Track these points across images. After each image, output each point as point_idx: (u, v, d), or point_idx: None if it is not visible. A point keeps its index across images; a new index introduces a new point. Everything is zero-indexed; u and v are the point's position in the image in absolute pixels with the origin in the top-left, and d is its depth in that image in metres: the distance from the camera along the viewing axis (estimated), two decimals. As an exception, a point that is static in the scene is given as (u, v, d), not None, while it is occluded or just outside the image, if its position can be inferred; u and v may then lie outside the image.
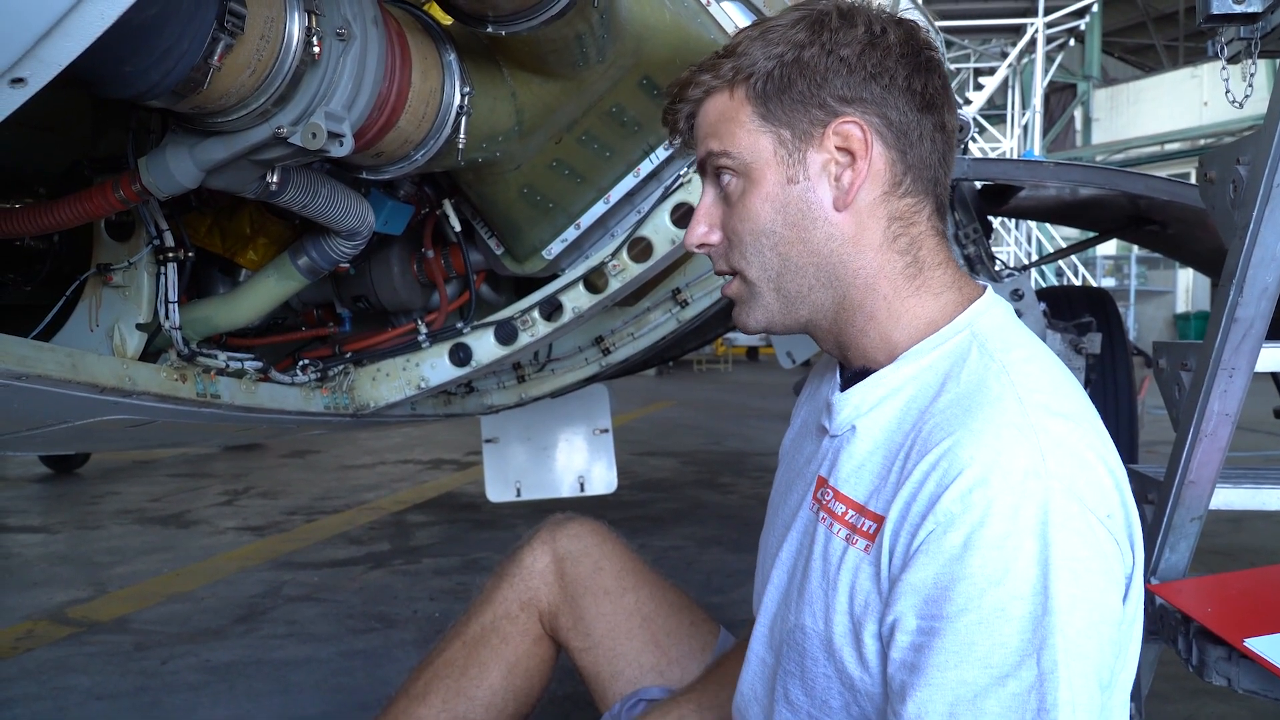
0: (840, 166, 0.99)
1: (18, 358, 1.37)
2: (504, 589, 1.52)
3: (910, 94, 0.99)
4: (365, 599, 3.26)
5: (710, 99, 1.03)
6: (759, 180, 1.00)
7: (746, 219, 1.01)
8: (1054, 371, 0.95)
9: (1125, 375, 3.11)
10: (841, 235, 0.99)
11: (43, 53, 0.85)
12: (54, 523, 4.54)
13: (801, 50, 0.98)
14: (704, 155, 1.04)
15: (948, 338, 0.98)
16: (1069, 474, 0.84)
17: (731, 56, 1.01)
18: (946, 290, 1.01)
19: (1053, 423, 0.86)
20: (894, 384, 0.99)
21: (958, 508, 0.83)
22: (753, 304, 1.05)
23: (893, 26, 1.00)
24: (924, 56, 1.00)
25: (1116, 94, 22.03)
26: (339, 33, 1.27)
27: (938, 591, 0.84)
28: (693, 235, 1.06)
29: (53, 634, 2.95)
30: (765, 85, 0.99)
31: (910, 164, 1.00)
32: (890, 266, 1.00)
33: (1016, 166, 2.96)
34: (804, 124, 0.99)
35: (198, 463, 6.17)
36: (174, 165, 1.29)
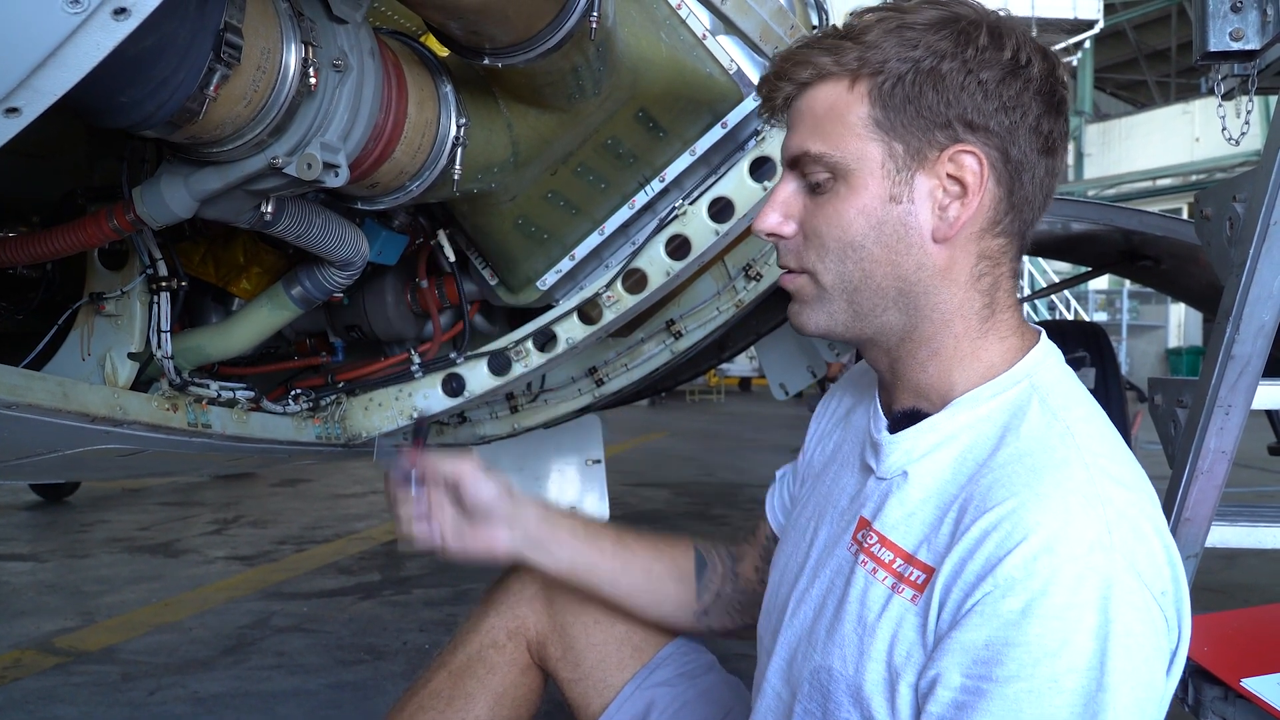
0: (948, 196, 0.93)
1: (8, 386, 1.36)
2: (491, 617, 1.50)
3: (1037, 134, 0.94)
4: (355, 630, 3.23)
5: (822, 85, 0.95)
6: (858, 189, 0.94)
7: (836, 225, 0.95)
8: (1110, 434, 0.93)
9: (1119, 410, 3.11)
10: (933, 266, 0.95)
11: (38, 83, 0.85)
12: (43, 551, 4.50)
13: (942, 61, 0.91)
14: (798, 152, 0.97)
15: (1006, 387, 0.95)
16: (1131, 549, 0.82)
17: (857, 43, 0.93)
18: (1011, 335, 0.98)
19: (1116, 492, 0.85)
20: (949, 431, 0.96)
21: (1020, 573, 0.81)
22: (818, 307, 1.00)
23: (1038, 58, 0.94)
24: (1058, 96, 0.96)
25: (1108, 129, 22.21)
26: (335, 64, 1.27)
27: (989, 654, 0.81)
28: (765, 221, 1.00)
29: (40, 663, 2.91)
30: (893, 88, 0.92)
31: (1014, 204, 0.95)
32: (969, 305, 0.96)
33: (1010, 201, 2.97)
34: (921, 142, 0.93)
35: (188, 491, 6.13)
36: (168, 195, 1.29)
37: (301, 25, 1.22)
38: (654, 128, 2.01)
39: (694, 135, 2.11)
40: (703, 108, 2.07)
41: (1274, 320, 1.45)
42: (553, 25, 1.44)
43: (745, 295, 2.75)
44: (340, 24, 1.30)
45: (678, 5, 1.96)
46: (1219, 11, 1.44)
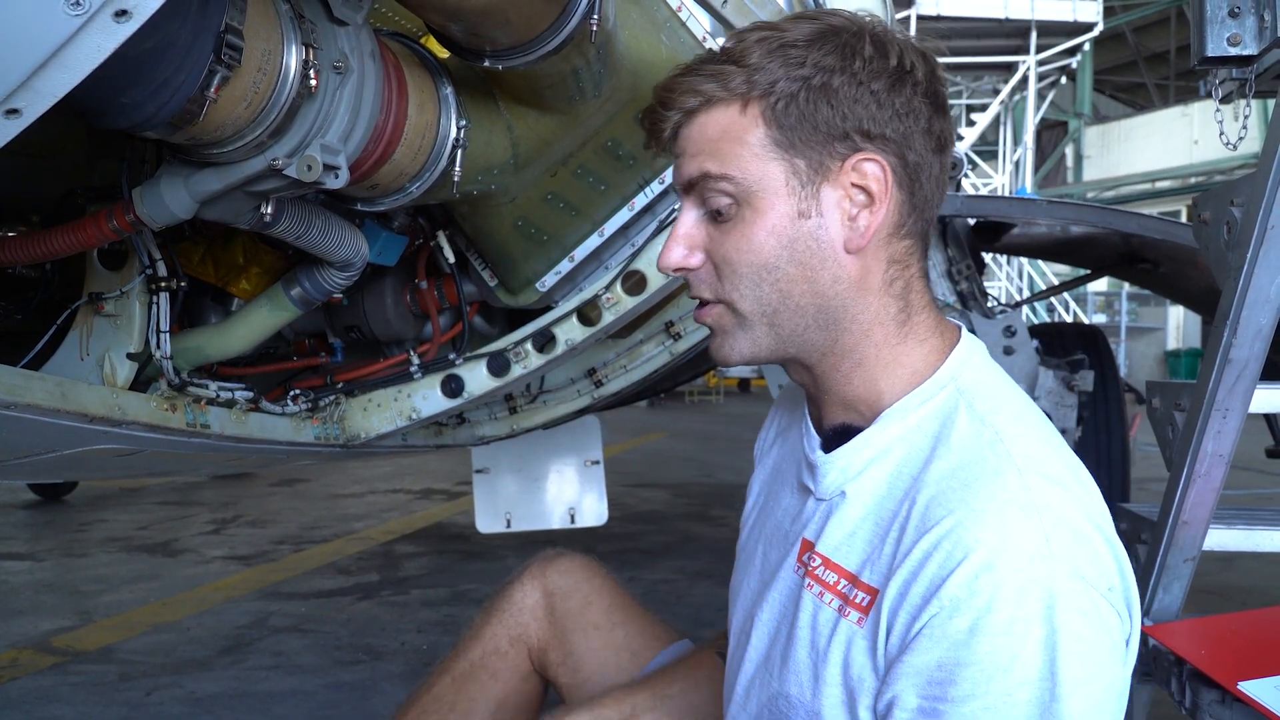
0: (855, 205, 0.93)
1: (7, 386, 1.36)
2: (493, 625, 1.51)
3: (929, 135, 0.95)
4: (353, 630, 3.23)
5: (711, 111, 0.94)
6: (764, 210, 0.93)
7: (747, 250, 0.94)
8: (1041, 428, 0.93)
9: (1117, 413, 3.11)
10: (848, 278, 0.94)
11: (38, 84, 0.85)
12: (40, 550, 4.50)
13: (831, 75, 0.91)
14: (696, 175, 0.95)
15: (932, 393, 0.95)
16: (1071, 552, 0.82)
17: (741, 66, 0.92)
18: (930, 336, 0.98)
19: (1051, 494, 0.84)
20: (882, 446, 0.95)
21: (963, 592, 0.81)
22: (739, 335, 0.98)
23: (919, 61, 0.95)
24: (941, 96, 0.97)
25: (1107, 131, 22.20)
26: (336, 66, 1.27)
27: (943, 675, 0.81)
28: (670, 257, 0.98)
29: (37, 663, 2.91)
30: (787, 107, 0.92)
31: (916, 205, 0.96)
32: (886, 312, 0.96)
33: (1010, 204, 2.98)
34: (822, 155, 0.92)
35: (186, 491, 6.12)
36: (168, 196, 1.29)
37: (302, 27, 1.22)
38: (654, 130, 2.01)
39: (693, 137, 2.10)
40: (702, 110, 2.07)
41: (1271, 324, 1.45)
42: (553, 28, 1.44)
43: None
44: (341, 26, 1.30)
45: (678, 8, 1.96)
46: (1217, 17, 1.44)
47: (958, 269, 2.93)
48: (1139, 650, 0.93)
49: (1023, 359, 2.77)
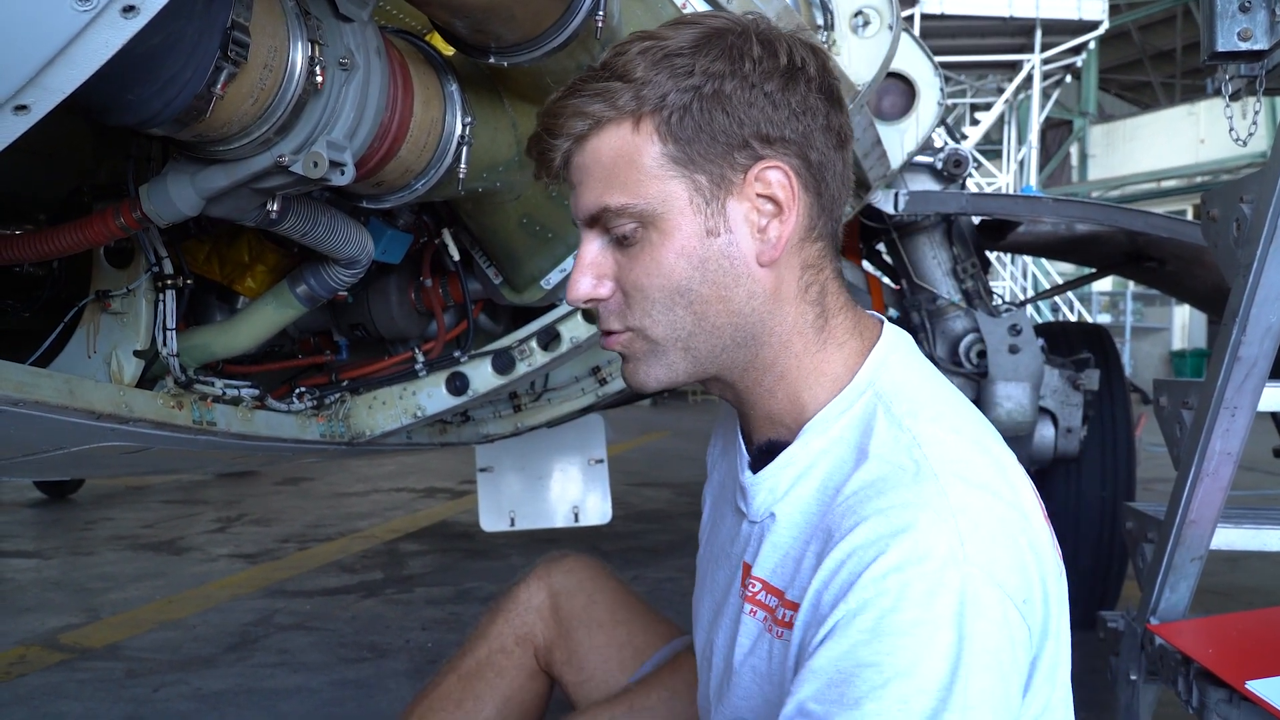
0: (764, 216, 0.90)
1: (15, 383, 1.36)
2: (499, 624, 1.51)
3: (829, 132, 0.91)
4: (357, 628, 3.24)
5: (601, 134, 0.89)
6: (670, 232, 0.89)
7: (657, 274, 0.90)
8: (965, 427, 0.89)
9: (1123, 412, 3.11)
10: (763, 292, 0.91)
11: (46, 80, 0.85)
12: (47, 548, 4.51)
13: (722, 81, 0.87)
14: (596, 210, 0.91)
15: (852, 401, 0.92)
16: (989, 558, 0.78)
17: (627, 82, 0.88)
18: (849, 338, 0.95)
19: (972, 498, 0.81)
20: (806, 462, 0.92)
21: (870, 593, 0.77)
22: (653, 362, 0.94)
23: (810, 56, 0.91)
24: (835, 89, 0.93)
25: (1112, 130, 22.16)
26: (342, 62, 1.27)
27: (841, 676, 0.78)
28: (578, 290, 0.93)
29: (45, 660, 2.92)
30: (681, 120, 0.87)
31: (824, 206, 0.93)
32: (803, 320, 0.93)
33: (1015, 202, 2.97)
34: (723, 167, 0.88)
35: (191, 489, 6.13)
36: (175, 193, 1.29)
37: (308, 24, 1.22)
38: (659, 127, 2.01)
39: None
40: (709, 107, 2.07)
41: (1280, 322, 1.45)
42: (559, 24, 1.44)
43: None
44: (347, 23, 1.30)
45: (683, 4, 1.96)
46: (1227, 11, 1.44)
47: (962, 267, 2.93)
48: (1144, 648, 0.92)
49: (1028, 357, 2.77)
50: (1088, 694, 2.69)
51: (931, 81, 2.54)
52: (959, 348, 2.86)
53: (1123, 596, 3.22)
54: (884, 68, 2.03)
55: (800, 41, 0.92)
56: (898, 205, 2.62)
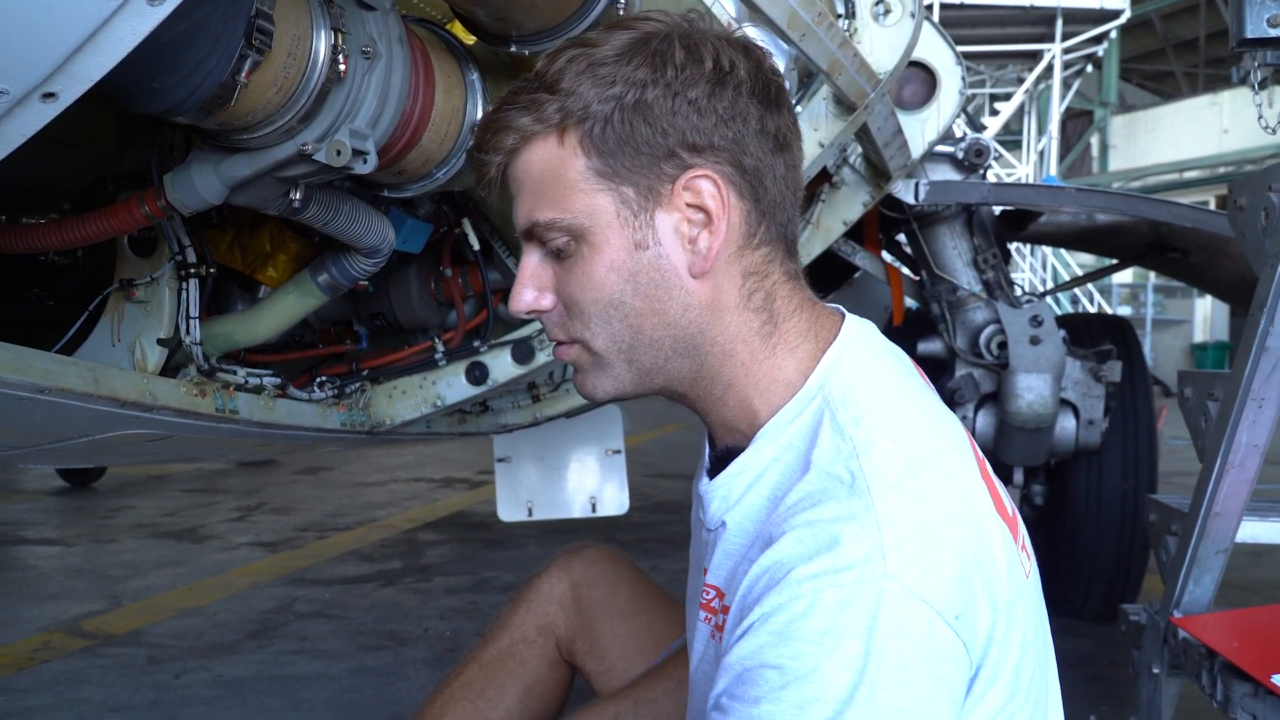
0: (694, 227, 0.88)
1: (41, 371, 1.37)
2: (521, 614, 1.52)
3: (764, 136, 0.89)
4: (376, 617, 3.25)
5: (530, 147, 0.88)
6: (600, 246, 0.88)
7: (590, 288, 0.89)
8: (911, 434, 0.86)
9: (1145, 404, 3.09)
10: (699, 303, 0.89)
11: (74, 68, 0.85)
12: (70, 535, 4.55)
13: (644, 90, 0.85)
14: (528, 224, 0.90)
15: (803, 407, 0.90)
16: (915, 574, 0.76)
17: (553, 93, 0.86)
18: (802, 341, 0.92)
19: (903, 511, 0.79)
20: (757, 470, 0.91)
21: (784, 597, 0.76)
22: (599, 374, 0.94)
23: (741, 58, 0.88)
24: (774, 90, 0.90)
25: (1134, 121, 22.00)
26: (364, 51, 1.27)
27: (746, 674, 0.77)
28: (519, 301, 0.93)
29: (68, 646, 2.95)
30: (603, 132, 0.85)
31: (764, 211, 0.90)
32: (747, 328, 0.91)
33: (1037, 192, 2.96)
34: (650, 179, 0.86)
35: (211, 478, 6.17)
36: (199, 181, 1.30)
37: (331, 12, 1.23)
38: (680, 116, 2.00)
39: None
40: (728, 97, 2.06)
41: (1309, 312, 1.43)
42: (579, 13, 1.44)
43: (769, 285, 2.74)
44: (369, 11, 1.30)
45: (703, -7, 1.95)
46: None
47: (983, 258, 2.91)
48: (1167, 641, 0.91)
49: (1050, 349, 2.76)
50: (1107, 688, 2.69)
51: (953, 70, 2.52)
52: (979, 339, 2.84)
53: (1144, 590, 3.21)
54: (905, 56, 2.01)
55: (730, 43, 0.89)
56: (918, 195, 2.61)
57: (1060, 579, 3.23)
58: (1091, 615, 3.23)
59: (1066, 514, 3.12)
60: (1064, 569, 3.19)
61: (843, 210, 2.62)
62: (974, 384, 2.85)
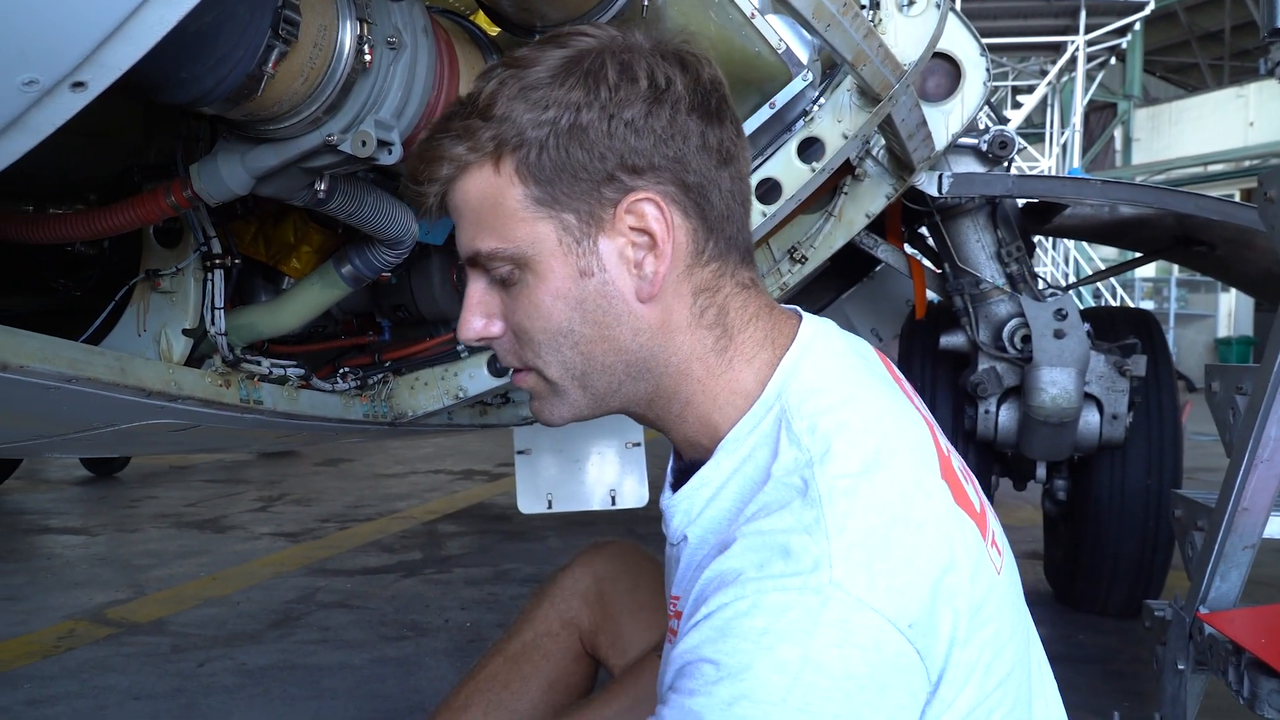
0: (639, 250, 0.85)
1: (68, 360, 1.38)
2: (545, 608, 1.52)
3: (706, 151, 0.86)
4: (397, 607, 3.27)
5: (466, 176, 0.86)
6: (544, 275, 0.86)
7: (537, 317, 0.87)
8: (868, 437, 0.84)
9: (1170, 398, 3.06)
10: (649, 327, 0.88)
11: (103, 57, 0.86)
12: (94, 525, 4.59)
13: (578, 113, 0.82)
14: (470, 253, 0.88)
15: (761, 416, 0.88)
16: (864, 583, 0.75)
17: (487, 119, 0.84)
18: (759, 351, 0.90)
19: (854, 520, 0.78)
20: (718, 482, 0.89)
21: (729, 597, 0.76)
22: (555, 401, 0.93)
23: (677, 72, 0.86)
24: (714, 102, 0.87)
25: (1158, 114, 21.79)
26: (390, 41, 1.27)
27: (686, 667, 0.77)
28: (468, 329, 0.91)
29: (93, 634, 2.97)
30: (539, 158, 0.83)
31: (711, 226, 0.88)
32: (701, 346, 0.89)
33: (1062, 184, 2.93)
34: (591, 204, 0.84)
35: (233, 469, 6.21)
36: (225, 172, 1.30)
37: (356, 2, 1.23)
38: (703, 108, 2.00)
39: (741, 115, 2.08)
40: (751, 88, 2.06)
41: (1339, 306, 1.42)
42: (604, 3, 1.44)
43: (790, 278, 2.73)
44: (394, 1, 1.30)
45: (729, -17, 1.95)
46: (1289, -12, 1.41)
47: (1007, 250, 2.89)
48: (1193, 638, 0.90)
49: (1074, 343, 2.73)
50: (1130, 684, 2.67)
51: (977, 62, 2.50)
52: (1003, 332, 2.82)
53: (1166, 586, 3.19)
54: (930, 47, 2.00)
55: (664, 57, 0.86)
56: (942, 187, 2.59)
57: (1082, 575, 3.21)
58: (1114, 611, 3.21)
59: (1089, 509, 3.09)
60: (1086, 564, 3.17)
61: (865, 202, 2.61)
62: (997, 378, 2.83)
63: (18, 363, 1.33)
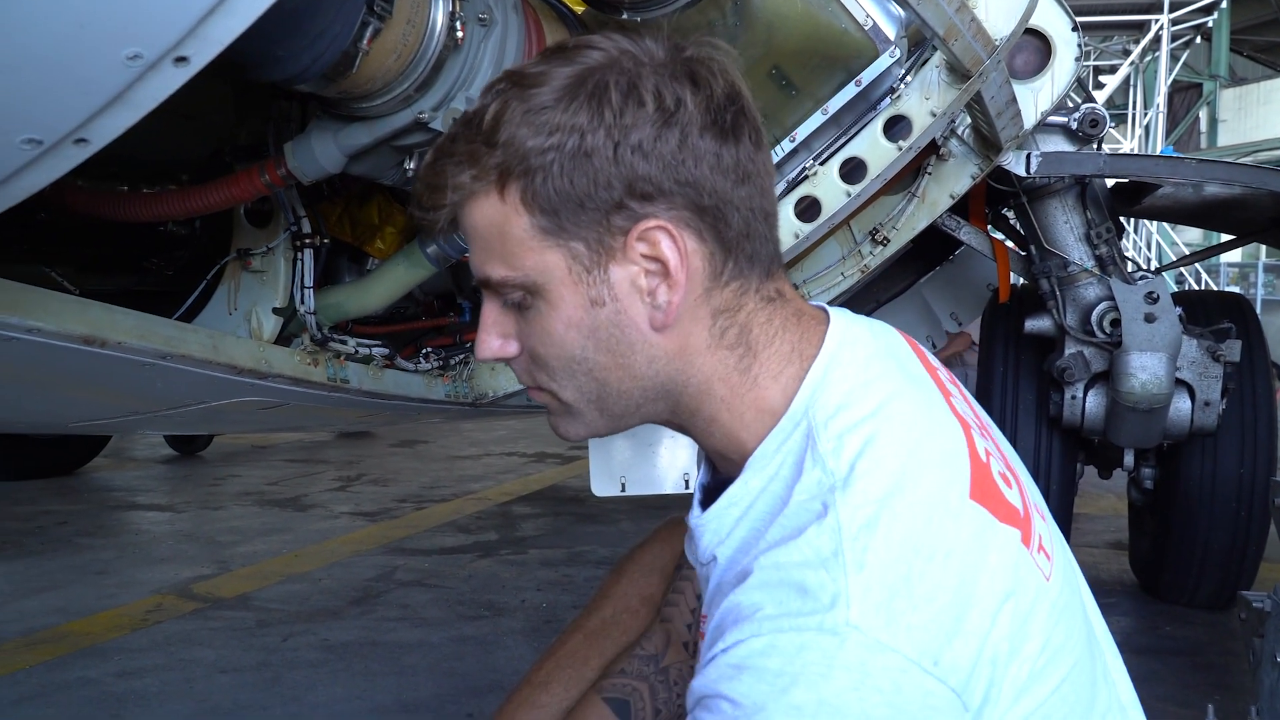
0: (652, 278, 0.82)
1: (163, 338, 1.41)
2: (624, 584, 1.51)
3: (721, 172, 0.81)
4: (474, 587, 3.30)
5: (472, 203, 0.83)
6: (556, 303, 0.83)
7: (550, 344, 0.85)
8: (897, 452, 0.81)
9: (1265, 384, 2.96)
10: (665, 354, 0.85)
11: (206, 30, 0.86)
12: (179, 502, 4.71)
13: (584, 138, 0.78)
14: (482, 278, 0.86)
15: (788, 433, 0.84)
16: (881, 621, 0.73)
17: (491, 145, 0.80)
18: (786, 365, 0.86)
19: (875, 553, 0.75)
20: (746, 502, 0.86)
21: (746, 634, 0.74)
22: (571, 420, 0.90)
23: (687, 90, 0.81)
24: (730, 119, 0.82)
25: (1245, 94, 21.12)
26: (481, 18, 1.27)
27: (702, 699, 0.75)
28: (485, 348, 0.88)
29: (179, 608, 3.05)
30: (544, 187, 0.79)
31: (730, 247, 0.83)
32: (723, 366, 0.86)
33: (1156, 163, 2.84)
34: (600, 232, 0.80)
35: (312, 449, 6.33)
36: (319, 150, 1.32)
37: (448, -21, 1.23)
38: (786, 85, 1.98)
39: (826, 94, 2.06)
40: (836, 65, 2.02)
41: None
42: (693, -23, 1.42)
43: (871, 260, 2.70)
44: (484, -22, 1.30)
45: (813, -41, 1.91)
46: None
47: (1096, 232, 2.82)
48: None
49: (1165, 327, 2.66)
50: (1221, 676, 2.59)
51: (1069, 38, 2.43)
52: (1091, 316, 2.74)
53: (1259, 578, 3.10)
54: (1023, 22, 1.94)
55: (674, 76, 0.81)
56: (1030, 167, 2.52)
57: (1170, 565, 3.12)
58: (1202, 603, 3.13)
59: (1178, 498, 3.01)
60: (1174, 555, 3.09)
61: (950, 183, 2.56)
62: (1084, 363, 2.76)
63: (115, 339, 1.36)
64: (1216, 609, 3.11)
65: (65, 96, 0.87)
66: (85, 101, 0.88)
